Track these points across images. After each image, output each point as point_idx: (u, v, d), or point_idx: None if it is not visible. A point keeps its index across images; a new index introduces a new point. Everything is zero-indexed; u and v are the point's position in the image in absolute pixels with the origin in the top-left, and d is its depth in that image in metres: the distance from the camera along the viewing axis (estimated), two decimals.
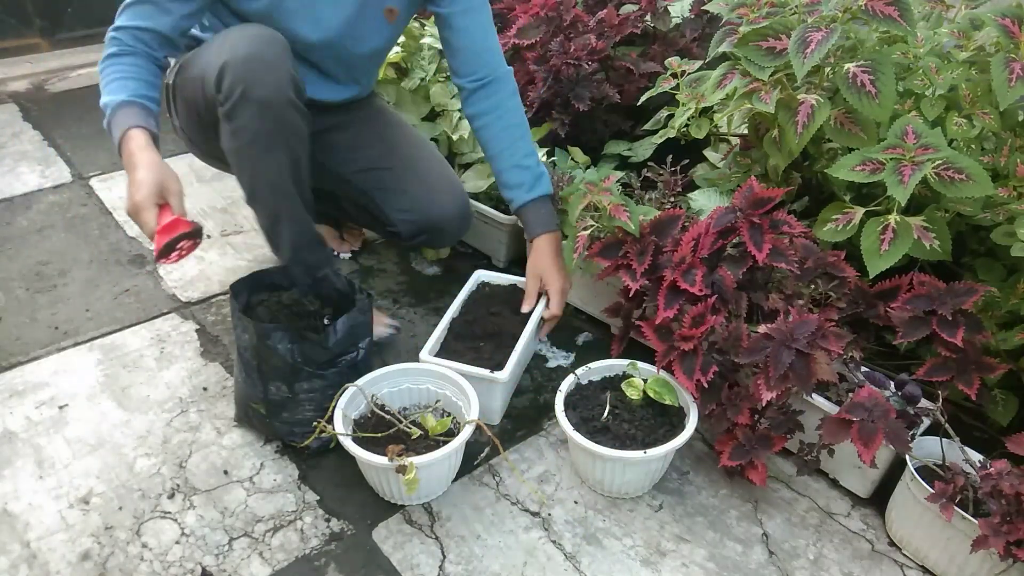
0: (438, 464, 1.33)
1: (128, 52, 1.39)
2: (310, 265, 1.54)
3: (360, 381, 1.44)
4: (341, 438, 1.34)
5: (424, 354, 1.51)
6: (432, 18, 1.70)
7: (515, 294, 1.72)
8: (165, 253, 1.26)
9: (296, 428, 1.44)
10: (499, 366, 1.50)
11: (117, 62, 1.39)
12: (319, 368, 1.40)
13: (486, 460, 1.50)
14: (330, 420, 1.38)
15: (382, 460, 1.29)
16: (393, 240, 1.89)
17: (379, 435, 1.38)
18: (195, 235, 1.29)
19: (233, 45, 1.37)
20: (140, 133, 1.32)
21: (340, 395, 1.40)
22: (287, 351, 1.37)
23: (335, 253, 2.07)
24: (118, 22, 1.40)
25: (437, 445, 1.34)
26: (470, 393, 1.43)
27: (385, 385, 1.49)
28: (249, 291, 1.51)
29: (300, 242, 1.52)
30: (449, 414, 1.49)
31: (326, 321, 1.50)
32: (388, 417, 1.43)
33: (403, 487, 1.30)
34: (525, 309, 1.63)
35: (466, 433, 1.36)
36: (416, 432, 1.40)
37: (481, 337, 1.60)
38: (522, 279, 1.72)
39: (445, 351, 1.56)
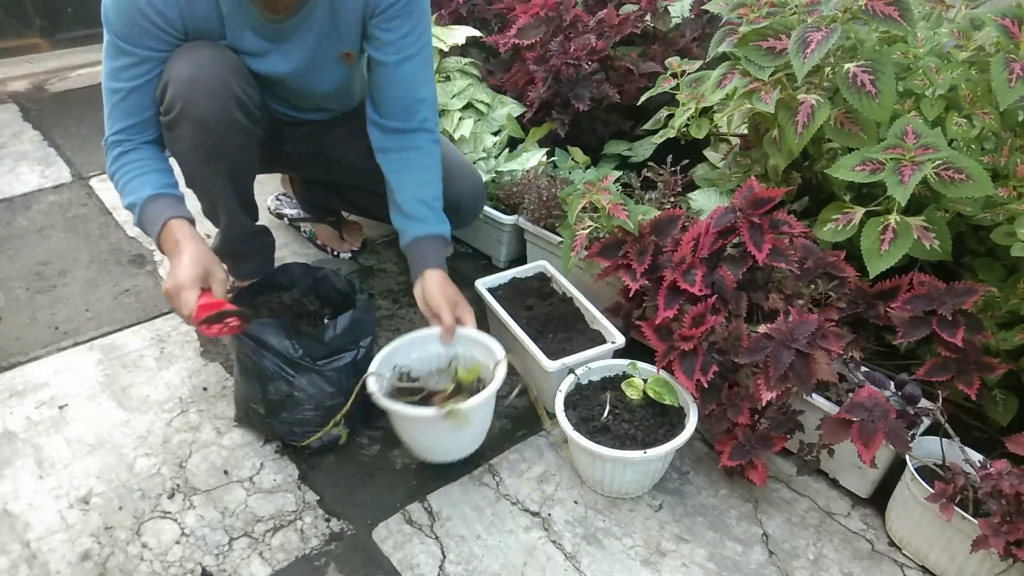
0: (483, 407, 1.38)
1: (132, 148, 1.42)
2: (244, 252, 1.72)
3: (384, 350, 1.45)
4: (379, 398, 1.35)
5: (552, 364, 1.47)
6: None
7: (526, 285, 1.75)
8: (215, 320, 1.28)
9: (296, 428, 1.44)
10: (604, 336, 1.59)
11: (126, 161, 1.41)
12: (317, 363, 1.40)
13: (486, 460, 1.50)
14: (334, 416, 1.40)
15: (428, 411, 1.31)
16: None
17: (414, 398, 1.41)
18: (244, 317, 1.33)
19: (180, 64, 1.41)
20: (182, 223, 1.36)
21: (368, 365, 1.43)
22: (284, 347, 1.37)
23: (335, 253, 2.07)
24: (111, 128, 1.42)
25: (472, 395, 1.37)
26: (491, 344, 1.46)
27: (414, 351, 1.50)
28: (252, 294, 1.52)
29: (233, 232, 1.66)
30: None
31: (326, 320, 1.50)
32: (414, 385, 1.45)
33: (449, 438, 1.38)
34: (448, 340, 1.47)
35: (501, 372, 1.39)
36: (449, 388, 1.41)
37: (552, 330, 1.62)
38: (518, 268, 1.75)
39: (551, 355, 1.51)
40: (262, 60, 1.50)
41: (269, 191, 2.18)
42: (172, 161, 1.49)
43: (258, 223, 1.75)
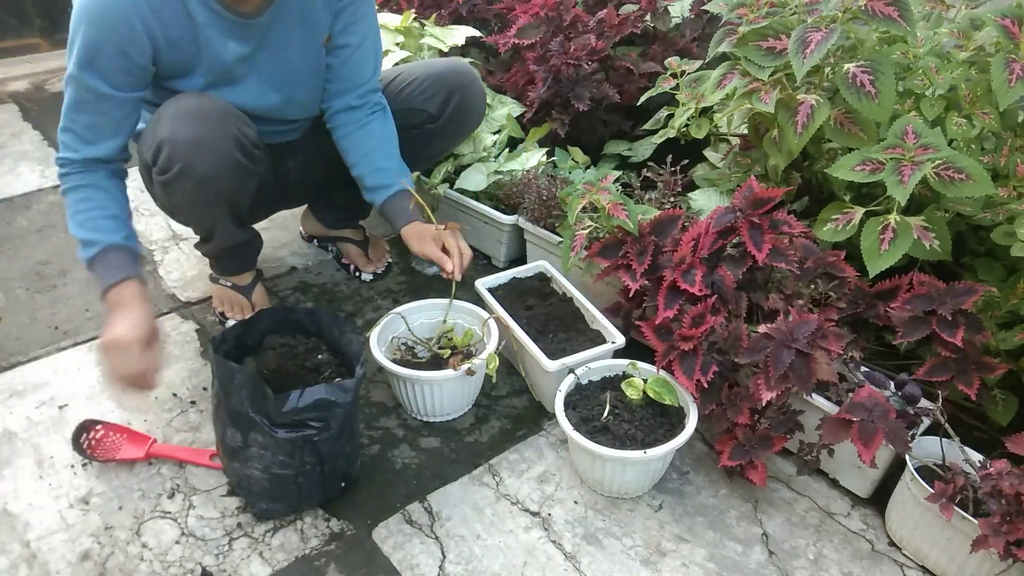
0: (479, 367, 1.51)
1: (92, 182, 1.39)
2: (230, 256, 1.76)
3: (378, 326, 1.57)
4: (386, 362, 1.49)
5: (552, 364, 1.47)
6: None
7: (526, 285, 1.75)
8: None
9: (243, 482, 1.34)
10: (604, 336, 1.60)
11: (86, 192, 1.39)
12: (273, 428, 1.26)
13: (487, 458, 1.50)
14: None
15: (449, 372, 1.47)
16: (428, 132, 1.82)
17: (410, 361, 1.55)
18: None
19: (173, 124, 1.39)
20: (137, 283, 1.37)
21: (377, 325, 1.57)
22: (240, 400, 1.26)
23: (357, 273, 2.02)
24: (72, 152, 1.38)
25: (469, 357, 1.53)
26: (474, 308, 1.65)
27: (402, 325, 1.62)
28: (269, 325, 1.45)
29: (223, 243, 1.68)
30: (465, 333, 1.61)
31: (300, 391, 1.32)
32: (415, 348, 1.59)
33: (455, 395, 1.54)
34: (458, 274, 1.57)
35: (494, 328, 1.57)
36: (446, 352, 1.54)
37: (552, 330, 1.62)
38: (518, 268, 1.77)
39: (551, 355, 1.51)
40: (250, 66, 1.49)
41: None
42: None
43: (250, 228, 1.75)
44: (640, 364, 1.50)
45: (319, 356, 1.42)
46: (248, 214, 1.69)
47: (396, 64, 2.04)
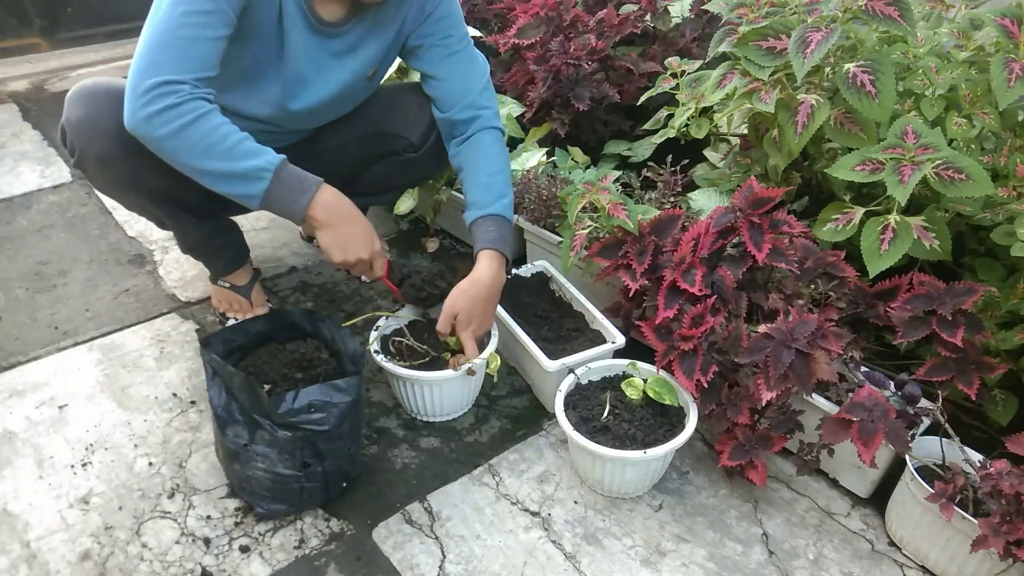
0: (479, 367, 1.52)
1: (215, 108, 1.29)
2: (209, 252, 1.74)
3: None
4: (386, 363, 1.49)
5: (552, 364, 1.47)
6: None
7: (526, 285, 1.75)
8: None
9: (245, 484, 1.34)
10: (604, 336, 1.60)
11: (221, 119, 1.29)
12: (274, 428, 1.27)
13: (488, 457, 1.50)
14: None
15: (449, 372, 1.47)
16: (409, 160, 1.77)
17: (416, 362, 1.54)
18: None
19: (68, 106, 1.41)
20: (332, 189, 1.37)
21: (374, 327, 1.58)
22: (243, 401, 1.27)
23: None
24: (182, 74, 1.25)
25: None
26: None
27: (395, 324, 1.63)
28: (264, 335, 1.46)
29: (190, 238, 1.70)
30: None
31: (296, 390, 1.33)
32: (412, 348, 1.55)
33: (455, 395, 1.54)
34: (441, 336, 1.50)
35: (494, 331, 1.56)
36: (446, 354, 1.53)
37: (552, 330, 1.62)
38: (518, 268, 1.76)
39: (551, 355, 1.51)
40: (297, 88, 1.48)
41: None
42: None
43: (217, 220, 1.71)
44: (640, 364, 1.50)
45: (317, 356, 1.42)
46: (211, 205, 1.59)
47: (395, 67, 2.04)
